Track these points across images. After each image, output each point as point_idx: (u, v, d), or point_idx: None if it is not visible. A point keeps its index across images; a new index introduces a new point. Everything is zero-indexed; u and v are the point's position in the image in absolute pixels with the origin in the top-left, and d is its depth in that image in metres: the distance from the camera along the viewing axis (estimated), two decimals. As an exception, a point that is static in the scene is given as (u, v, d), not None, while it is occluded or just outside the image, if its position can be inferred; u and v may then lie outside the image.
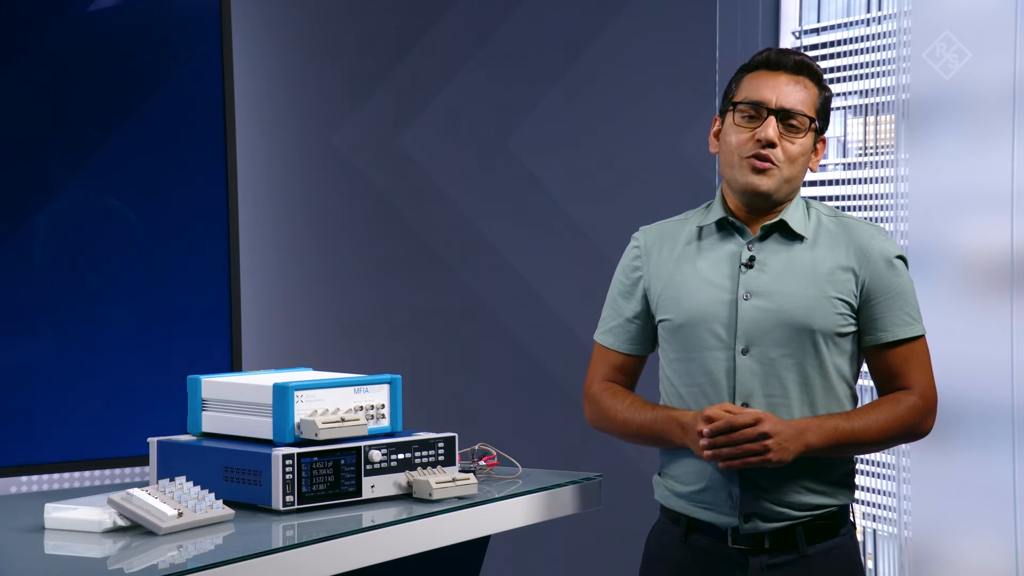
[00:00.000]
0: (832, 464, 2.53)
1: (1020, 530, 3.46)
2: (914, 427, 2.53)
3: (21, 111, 3.52)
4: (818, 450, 2.47)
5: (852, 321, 2.51)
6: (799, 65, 2.54)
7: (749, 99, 2.53)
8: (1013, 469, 3.46)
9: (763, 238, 2.55)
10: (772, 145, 2.51)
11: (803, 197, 2.61)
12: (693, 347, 2.56)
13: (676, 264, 2.61)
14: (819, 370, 2.51)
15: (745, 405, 2.50)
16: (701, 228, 2.61)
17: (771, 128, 2.51)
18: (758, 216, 2.57)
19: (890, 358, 2.53)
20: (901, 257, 2.54)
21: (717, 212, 2.59)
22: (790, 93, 2.52)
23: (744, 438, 2.42)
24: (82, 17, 3.58)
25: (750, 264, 2.53)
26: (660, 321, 2.62)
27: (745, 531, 2.52)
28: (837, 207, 2.66)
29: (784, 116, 2.52)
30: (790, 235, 2.54)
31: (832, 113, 2.66)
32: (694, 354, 2.56)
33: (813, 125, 2.54)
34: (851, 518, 2.60)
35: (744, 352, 2.51)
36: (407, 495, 2.58)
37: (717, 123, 2.61)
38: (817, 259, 2.52)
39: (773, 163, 2.51)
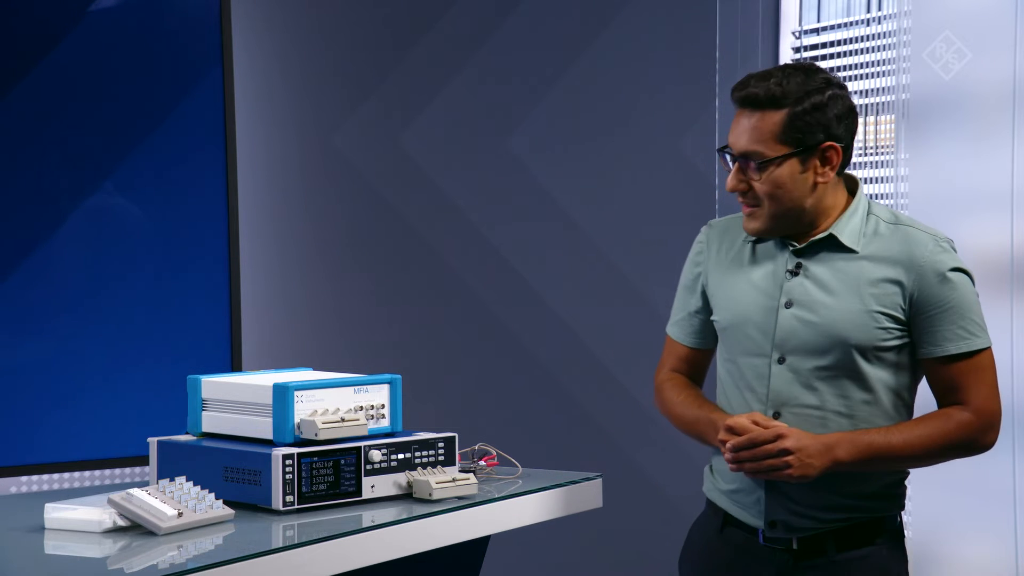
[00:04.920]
0: (866, 478, 2.48)
1: (1020, 530, 3.46)
2: (966, 443, 2.47)
3: (21, 111, 3.52)
4: (849, 465, 2.42)
5: (898, 335, 2.46)
6: (746, 100, 2.47)
7: (722, 145, 2.52)
8: (1013, 469, 3.46)
9: (813, 246, 2.51)
10: (744, 192, 2.49)
11: (868, 200, 2.54)
12: (736, 351, 2.55)
13: (730, 264, 2.58)
14: (859, 383, 2.46)
15: (777, 415, 2.48)
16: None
17: (730, 178, 2.48)
18: (806, 228, 2.52)
19: (944, 372, 2.46)
20: (960, 269, 2.46)
21: None
22: (742, 134, 2.47)
23: (766, 454, 2.41)
24: (82, 18, 3.58)
25: (796, 271, 2.50)
26: (713, 319, 2.62)
27: (771, 535, 2.52)
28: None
29: (743, 159, 2.47)
30: (841, 245, 2.49)
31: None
32: (737, 357, 2.55)
33: (773, 159, 2.45)
34: (898, 527, 2.54)
35: (780, 361, 2.49)
36: (407, 495, 2.58)
37: None
38: (864, 270, 2.46)
39: (755, 205, 2.48)
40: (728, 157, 2.51)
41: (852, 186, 2.55)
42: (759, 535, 2.53)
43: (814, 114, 2.45)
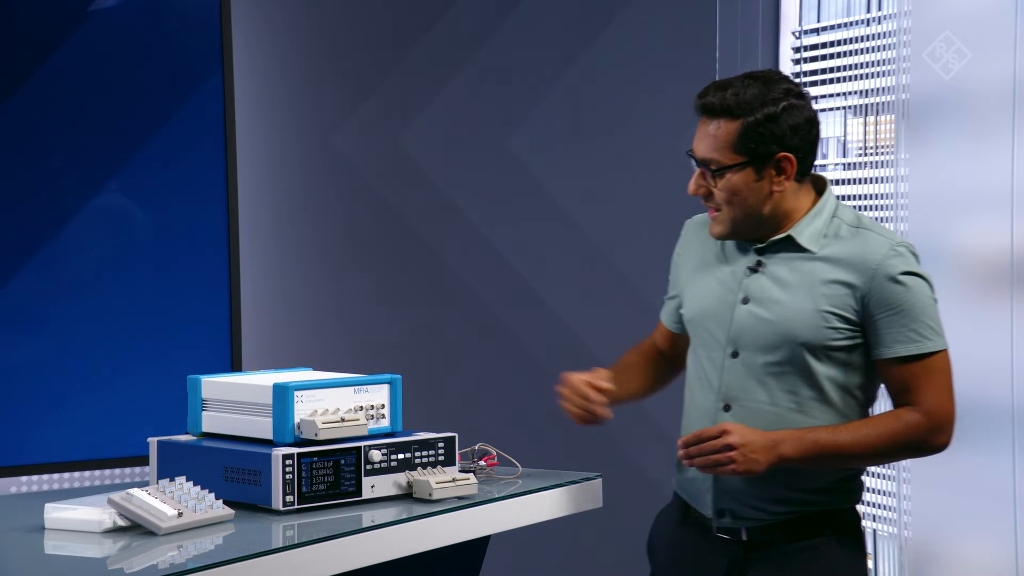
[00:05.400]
0: (814, 472, 2.53)
1: (1020, 530, 3.46)
2: (915, 444, 2.51)
3: (21, 112, 3.53)
4: (795, 462, 2.47)
5: (849, 335, 2.50)
6: (707, 107, 2.55)
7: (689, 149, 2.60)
8: (1013, 469, 3.46)
9: (773, 246, 2.56)
10: (706, 196, 2.56)
11: (837, 202, 2.58)
12: (697, 343, 2.63)
13: (701, 259, 2.66)
14: (809, 381, 2.51)
15: (727, 407, 2.54)
16: None
17: (692, 182, 2.57)
18: (768, 229, 2.58)
19: (896, 373, 2.50)
20: (914, 273, 2.49)
21: None
22: (701, 141, 2.56)
23: (711, 448, 2.46)
24: (82, 18, 3.58)
25: (756, 269, 2.56)
26: (681, 312, 2.71)
27: (720, 525, 2.57)
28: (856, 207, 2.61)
29: (703, 165, 2.55)
30: (799, 246, 2.54)
31: (831, 113, 2.65)
32: (698, 349, 2.62)
33: (728, 167, 2.52)
34: (852, 520, 2.59)
35: (734, 355, 2.55)
36: (407, 495, 2.58)
37: None
38: (819, 271, 2.52)
39: (717, 208, 2.56)
40: (693, 161, 2.58)
41: (821, 187, 2.60)
42: (713, 526, 2.59)
43: (767, 125, 2.51)
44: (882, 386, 2.57)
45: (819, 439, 2.47)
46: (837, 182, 3.97)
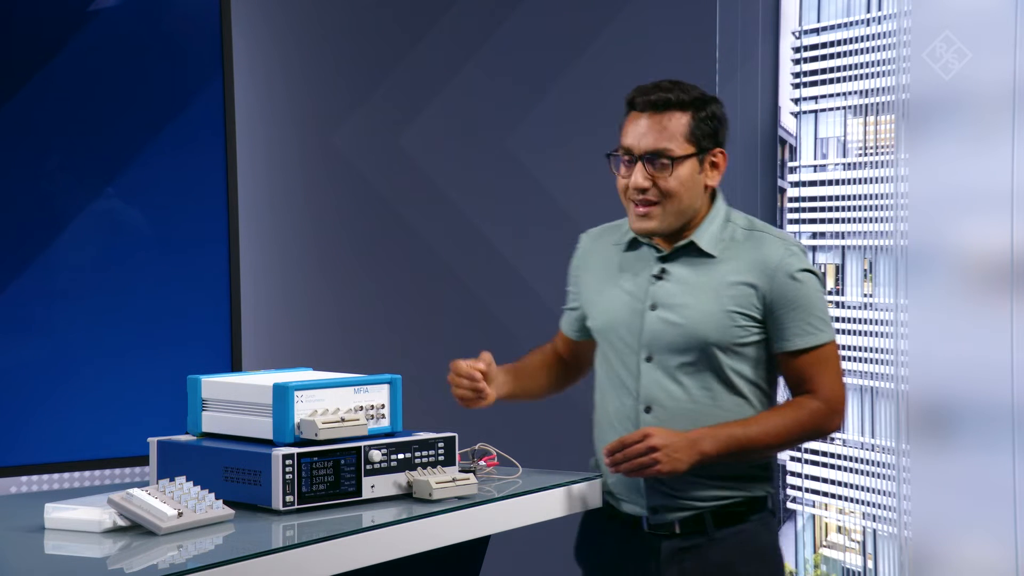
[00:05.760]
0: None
1: (1020, 530, 3.46)
2: (817, 429, 2.68)
3: (20, 113, 3.53)
4: (715, 457, 2.60)
5: (754, 332, 2.64)
6: (657, 103, 2.66)
7: (621, 146, 2.69)
8: (1013, 469, 3.46)
9: (676, 252, 2.68)
10: (645, 190, 2.64)
11: (728, 207, 2.72)
12: (609, 351, 2.74)
13: (603, 271, 2.78)
14: (720, 378, 2.65)
15: (648, 409, 2.66)
16: (628, 241, 2.77)
17: (638, 175, 2.65)
18: (671, 235, 2.69)
19: (796, 365, 2.66)
20: (808, 270, 2.65)
21: (631, 231, 2.75)
22: (650, 135, 2.65)
23: (636, 453, 2.57)
24: (82, 18, 3.58)
25: (660, 276, 2.68)
26: (588, 324, 2.82)
27: (654, 521, 2.68)
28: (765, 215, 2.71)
29: (650, 157, 2.63)
30: (700, 251, 2.67)
31: (831, 113, 2.71)
32: (610, 356, 2.74)
33: (682, 157, 2.63)
34: (770, 507, 2.74)
35: (648, 359, 2.67)
36: (407, 495, 2.58)
37: None
38: (722, 274, 2.65)
39: (654, 203, 2.65)
40: (626, 158, 2.67)
41: (713, 194, 2.73)
42: (643, 522, 2.69)
43: (710, 121, 2.69)
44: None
45: (733, 433, 2.61)
46: (837, 182, 3.97)
